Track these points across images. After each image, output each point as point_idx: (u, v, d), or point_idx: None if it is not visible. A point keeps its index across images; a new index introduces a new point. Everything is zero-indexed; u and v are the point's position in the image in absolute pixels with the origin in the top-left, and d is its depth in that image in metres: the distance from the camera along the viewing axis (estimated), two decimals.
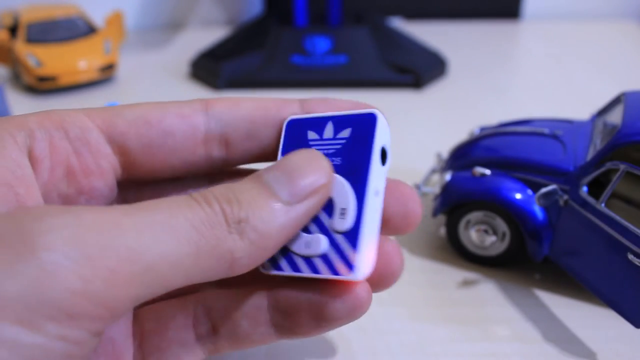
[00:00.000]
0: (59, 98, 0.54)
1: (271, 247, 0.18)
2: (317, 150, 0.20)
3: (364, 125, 0.19)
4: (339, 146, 0.20)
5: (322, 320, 0.19)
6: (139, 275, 0.15)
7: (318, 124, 0.21)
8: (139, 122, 0.20)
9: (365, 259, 0.19)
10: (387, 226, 0.21)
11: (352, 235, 0.19)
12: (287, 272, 0.20)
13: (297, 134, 0.21)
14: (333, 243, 0.19)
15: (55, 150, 0.19)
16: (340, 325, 0.19)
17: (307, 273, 0.19)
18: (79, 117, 0.20)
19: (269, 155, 0.22)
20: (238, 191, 0.18)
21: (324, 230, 0.19)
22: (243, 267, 0.18)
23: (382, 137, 0.20)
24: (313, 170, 0.18)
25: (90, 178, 0.20)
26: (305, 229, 0.19)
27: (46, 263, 0.14)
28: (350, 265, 0.18)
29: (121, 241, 0.15)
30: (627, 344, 0.26)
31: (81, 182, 0.20)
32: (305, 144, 0.21)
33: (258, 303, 0.20)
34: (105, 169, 0.20)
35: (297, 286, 0.20)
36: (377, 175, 0.19)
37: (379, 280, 0.20)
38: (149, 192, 0.22)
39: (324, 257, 0.19)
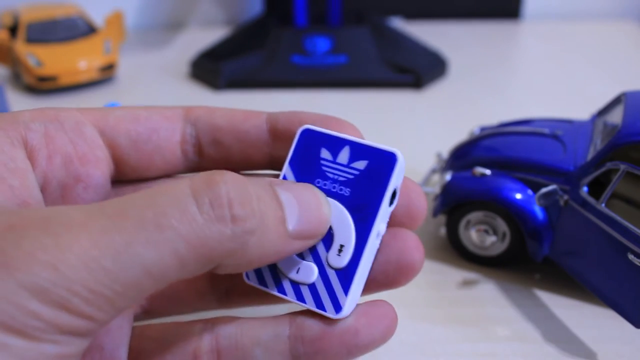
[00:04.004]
0: (59, 98, 0.54)
1: (258, 265, 0.18)
2: (325, 197, 0.19)
3: (382, 163, 0.19)
4: (351, 176, 0.19)
5: (354, 347, 0.18)
6: (120, 293, 0.14)
7: (334, 144, 0.20)
8: (128, 117, 0.21)
9: (353, 301, 0.19)
10: (390, 221, 0.20)
11: (346, 276, 0.18)
12: (272, 290, 0.19)
13: (310, 147, 0.20)
14: (324, 277, 0.19)
15: (52, 140, 0.20)
16: (372, 349, 0.19)
17: (291, 298, 0.19)
18: (72, 112, 0.21)
19: (231, 162, 0.22)
20: (255, 198, 0.16)
21: (318, 260, 0.19)
22: (225, 271, 0.17)
23: (397, 179, 0.19)
24: (319, 218, 0.18)
25: (87, 166, 0.20)
26: (299, 253, 0.19)
27: (24, 283, 0.13)
28: (338, 307, 0.18)
29: (99, 264, 0.14)
30: (627, 344, 0.26)
31: (78, 170, 0.20)
32: (316, 161, 0.20)
33: (277, 331, 0.19)
34: (100, 158, 0.21)
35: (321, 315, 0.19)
36: (383, 217, 0.19)
37: (398, 275, 0.20)
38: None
39: (312, 288, 0.19)
